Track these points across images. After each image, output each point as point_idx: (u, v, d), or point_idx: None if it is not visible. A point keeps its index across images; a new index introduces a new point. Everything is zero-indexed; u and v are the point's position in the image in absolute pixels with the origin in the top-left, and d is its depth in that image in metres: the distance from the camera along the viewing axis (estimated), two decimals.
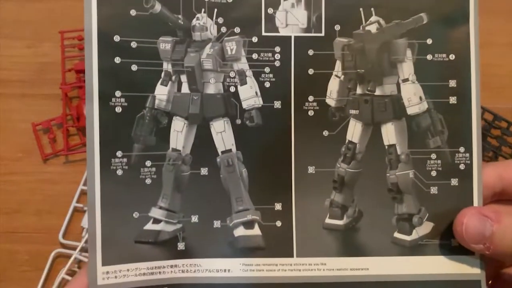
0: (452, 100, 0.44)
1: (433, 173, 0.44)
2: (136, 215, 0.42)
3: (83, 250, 0.45)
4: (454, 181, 0.44)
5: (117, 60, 0.42)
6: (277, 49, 0.44)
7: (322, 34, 0.44)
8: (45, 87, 0.50)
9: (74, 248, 0.45)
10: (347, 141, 0.44)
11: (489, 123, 0.48)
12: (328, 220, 0.44)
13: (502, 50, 0.50)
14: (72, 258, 0.44)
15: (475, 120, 0.44)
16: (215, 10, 0.43)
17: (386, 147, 0.44)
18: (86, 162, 0.45)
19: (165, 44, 0.42)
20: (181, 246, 0.42)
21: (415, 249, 0.44)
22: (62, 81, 0.49)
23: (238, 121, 0.43)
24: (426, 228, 0.44)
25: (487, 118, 0.48)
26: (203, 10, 0.43)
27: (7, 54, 0.51)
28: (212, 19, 0.43)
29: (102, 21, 0.41)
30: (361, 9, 0.44)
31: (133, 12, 0.42)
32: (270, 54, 0.44)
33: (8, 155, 0.48)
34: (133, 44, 0.42)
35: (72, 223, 0.46)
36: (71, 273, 0.44)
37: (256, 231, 0.43)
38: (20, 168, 0.48)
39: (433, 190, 0.44)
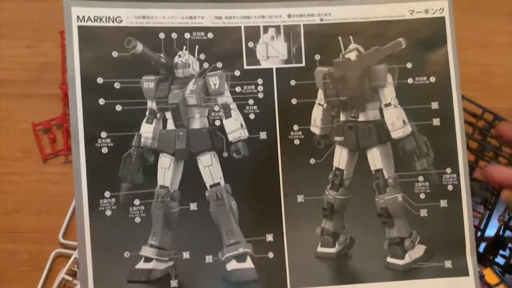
0: (436, 121, 0.45)
1: (422, 196, 0.44)
2: (127, 254, 0.42)
3: None
4: (443, 203, 0.44)
5: (101, 101, 0.42)
6: (260, 81, 0.44)
7: (303, 64, 0.45)
8: (45, 87, 0.49)
9: (74, 248, 0.44)
10: (334, 168, 0.44)
11: (489, 123, 0.49)
12: (320, 249, 0.44)
13: (502, 50, 0.51)
14: (72, 258, 0.44)
15: (460, 140, 0.45)
16: (197, 46, 0.44)
17: (373, 172, 0.44)
18: None
19: (148, 83, 0.43)
20: (174, 283, 0.42)
21: (409, 273, 0.43)
22: (62, 81, 0.49)
23: (225, 154, 0.44)
24: (418, 251, 0.44)
25: (487, 118, 0.49)
26: (184, 47, 0.43)
27: (7, 54, 0.50)
28: (194, 55, 0.44)
29: (85, 64, 0.42)
30: (339, 37, 0.45)
31: (115, 54, 0.42)
32: (253, 87, 0.44)
33: (8, 155, 0.48)
34: (117, 85, 0.42)
35: (72, 223, 0.46)
36: (71, 273, 0.44)
37: (249, 263, 0.43)
38: (20, 168, 0.48)
39: (423, 212, 0.44)
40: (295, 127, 0.44)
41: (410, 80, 0.45)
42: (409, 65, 0.45)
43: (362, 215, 0.44)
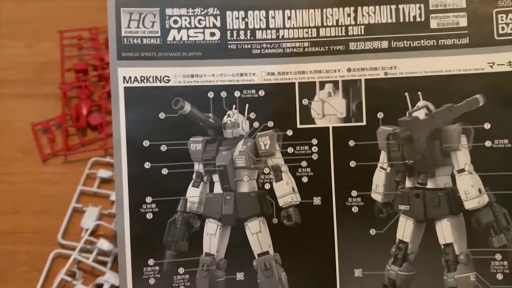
0: None
1: (499, 276, 0.39)
2: None
3: (82, 250, 0.44)
4: None
5: (147, 165, 0.40)
6: (314, 141, 0.41)
7: (363, 123, 0.41)
8: (44, 87, 0.49)
9: (73, 249, 0.44)
10: (397, 240, 0.40)
11: None
12: None
13: None
14: (71, 259, 0.44)
15: None
16: (247, 105, 0.41)
17: (442, 246, 0.39)
18: (85, 164, 0.46)
19: (196, 145, 0.40)
20: None
21: None
22: (61, 81, 0.49)
23: (275, 220, 0.40)
24: None
25: None
26: (234, 106, 0.41)
27: (6, 53, 0.51)
28: (243, 114, 0.41)
29: (131, 127, 0.40)
30: (406, 93, 0.40)
31: (162, 115, 0.40)
32: (306, 147, 0.41)
33: (7, 155, 0.48)
34: (163, 148, 0.40)
35: (71, 223, 0.45)
36: (70, 273, 0.44)
37: None
38: (19, 168, 0.47)
39: None
40: (354, 193, 0.40)
41: (488, 143, 0.39)
42: (487, 126, 0.39)
43: None
